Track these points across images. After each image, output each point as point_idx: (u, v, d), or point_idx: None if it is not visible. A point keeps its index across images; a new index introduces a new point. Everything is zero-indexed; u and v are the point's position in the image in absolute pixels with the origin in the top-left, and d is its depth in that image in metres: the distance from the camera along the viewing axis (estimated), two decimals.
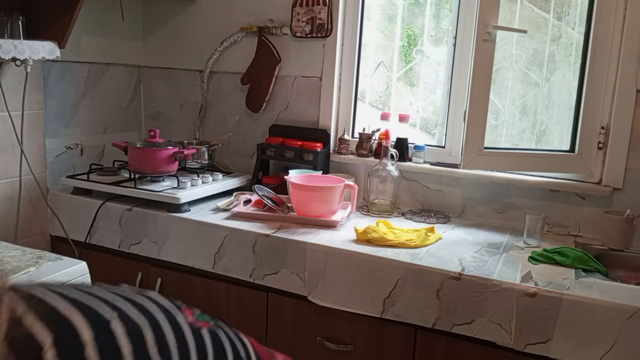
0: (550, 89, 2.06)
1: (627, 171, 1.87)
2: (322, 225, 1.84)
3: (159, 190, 1.93)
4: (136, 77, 2.57)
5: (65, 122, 2.23)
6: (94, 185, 2.03)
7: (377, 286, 1.59)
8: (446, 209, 2.11)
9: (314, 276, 1.67)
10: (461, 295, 1.49)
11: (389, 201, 2.05)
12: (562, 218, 1.96)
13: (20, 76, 1.96)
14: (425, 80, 2.30)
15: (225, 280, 1.84)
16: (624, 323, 1.35)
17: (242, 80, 2.36)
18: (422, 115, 2.31)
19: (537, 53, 2.04)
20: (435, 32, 2.25)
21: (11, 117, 1.97)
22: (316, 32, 2.19)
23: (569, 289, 1.42)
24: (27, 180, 2.06)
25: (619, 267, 1.76)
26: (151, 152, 2.00)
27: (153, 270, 1.96)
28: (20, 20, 1.84)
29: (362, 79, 2.29)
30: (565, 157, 1.96)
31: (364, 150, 2.19)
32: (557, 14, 2.02)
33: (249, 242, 1.76)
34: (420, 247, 1.69)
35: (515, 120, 2.11)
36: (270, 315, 1.79)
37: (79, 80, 2.27)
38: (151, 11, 2.54)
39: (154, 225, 1.91)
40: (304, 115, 2.30)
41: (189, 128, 2.52)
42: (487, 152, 1.93)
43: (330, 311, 1.66)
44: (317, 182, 1.95)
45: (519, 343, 1.44)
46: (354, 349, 1.67)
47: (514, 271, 1.53)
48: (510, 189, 2.02)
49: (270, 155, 2.25)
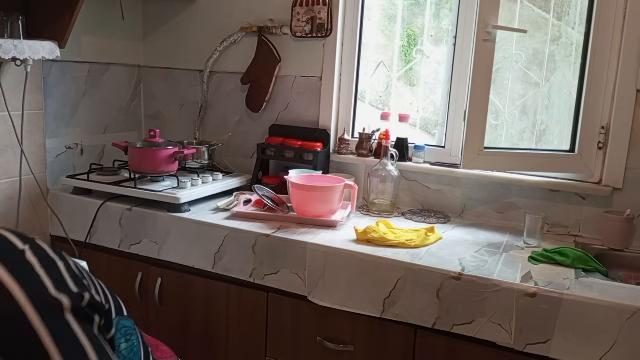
0: (550, 89, 2.07)
1: (627, 171, 1.87)
2: (322, 225, 1.84)
3: (159, 190, 1.93)
4: (136, 77, 2.57)
5: (65, 122, 2.23)
6: (94, 185, 2.03)
7: (377, 286, 1.59)
8: (446, 209, 2.11)
9: (314, 276, 1.67)
10: (461, 295, 1.49)
11: (389, 201, 2.05)
12: (562, 218, 1.96)
13: (20, 76, 1.96)
14: (425, 80, 2.30)
15: (225, 280, 1.84)
16: (624, 323, 1.35)
17: (242, 80, 2.36)
18: (422, 115, 2.31)
19: (537, 53, 2.05)
20: (436, 32, 2.25)
21: (11, 117, 1.97)
22: (316, 32, 2.19)
23: (569, 289, 1.42)
24: (27, 180, 2.06)
25: (619, 267, 1.76)
26: (151, 152, 2.00)
27: (153, 270, 1.96)
28: (20, 20, 1.84)
29: (362, 79, 2.29)
30: (565, 157, 1.96)
31: (364, 150, 2.19)
32: (557, 14, 2.02)
33: (249, 242, 1.76)
34: (420, 247, 1.69)
35: (515, 120, 2.11)
36: (270, 315, 1.79)
37: (79, 80, 2.27)
38: (151, 11, 2.54)
39: (154, 225, 1.91)
40: (304, 115, 2.30)
41: (189, 128, 2.52)
42: (487, 152, 1.93)
43: (330, 311, 1.66)
44: (317, 182, 1.96)
45: (519, 343, 1.44)
46: (354, 349, 1.67)
47: (514, 271, 1.53)
48: (510, 189, 2.02)
49: (271, 155, 2.25)
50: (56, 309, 0.63)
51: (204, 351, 1.92)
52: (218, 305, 1.87)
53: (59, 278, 0.65)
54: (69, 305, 0.64)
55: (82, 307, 0.66)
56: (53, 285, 0.64)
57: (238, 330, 1.85)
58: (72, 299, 0.64)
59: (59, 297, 0.63)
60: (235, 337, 1.86)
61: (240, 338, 1.86)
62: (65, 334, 0.62)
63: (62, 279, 0.65)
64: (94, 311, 0.68)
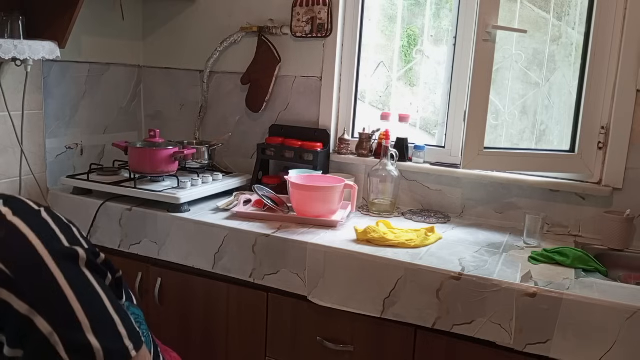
0: (550, 89, 2.07)
1: (627, 171, 1.87)
2: (322, 225, 1.84)
3: (159, 190, 1.93)
4: (136, 77, 2.57)
5: (65, 122, 2.23)
6: (94, 185, 2.03)
7: (377, 286, 1.59)
8: (446, 209, 2.11)
9: (314, 276, 1.67)
10: (461, 295, 1.49)
11: (389, 201, 2.05)
12: (562, 218, 1.96)
13: (20, 76, 1.96)
14: (425, 80, 2.30)
15: (225, 280, 1.84)
16: (624, 323, 1.35)
17: (242, 80, 2.36)
18: (422, 115, 2.31)
19: (537, 53, 2.05)
20: (436, 32, 2.25)
21: (11, 117, 1.97)
22: (316, 32, 2.19)
23: (569, 289, 1.42)
24: (27, 180, 2.06)
25: (619, 267, 1.76)
26: (151, 152, 2.00)
27: (153, 270, 1.96)
28: (20, 20, 1.84)
29: (362, 79, 2.29)
30: (565, 157, 1.96)
31: (364, 150, 2.19)
32: (557, 14, 2.02)
33: (249, 242, 1.76)
34: (420, 247, 1.69)
35: (515, 120, 2.12)
36: (270, 315, 1.79)
37: (79, 80, 2.27)
38: (151, 11, 2.54)
39: (154, 225, 1.91)
40: (304, 115, 2.30)
41: (189, 128, 2.52)
42: (487, 152, 1.93)
43: (330, 311, 1.66)
44: (317, 182, 1.96)
45: (519, 343, 1.44)
46: (354, 349, 1.67)
47: (514, 271, 1.53)
48: (510, 189, 2.02)
49: (270, 155, 2.25)
50: (71, 258, 0.66)
51: (204, 351, 1.92)
52: (218, 305, 1.87)
53: (73, 237, 0.69)
54: (84, 257, 0.67)
55: (96, 262, 0.69)
56: (67, 240, 0.68)
57: (238, 330, 1.85)
58: (86, 252, 0.68)
59: (74, 248, 0.67)
60: (235, 337, 1.86)
61: (240, 338, 1.86)
62: (81, 281, 0.66)
63: (76, 239, 0.69)
64: (107, 269, 0.72)
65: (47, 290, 0.63)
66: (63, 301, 0.63)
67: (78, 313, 0.63)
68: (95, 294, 0.66)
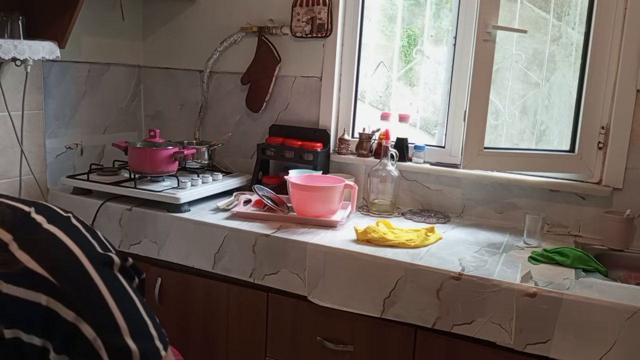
0: (550, 89, 2.07)
1: (627, 171, 1.87)
2: (322, 225, 1.84)
3: (159, 190, 1.93)
4: (136, 77, 2.57)
5: (65, 122, 2.23)
6: (94, 185, 2.03)
7: (377, 286, 1.59)
8: (446, 209, 2.11)
9: (314, 276, 1.67)
10: (461, 295, 1.49)
11: (389, 201, 2.05)
12: (562, 218, 1.96)
13: (20, 76, 1.96)
14: (425, 80, 2.30)
15: (225, 280, 1.84)
16: (624, 323, 1.35)
17: (242, 80, 2.36)
18: (422, 115, 2.31)
19: (537, 53, 2.05)
20: (435, 32, 2.25)
21: (11, 117, 1.97)
22: (316, 32, 2.19)
23: (569, 289, 1.42)
24: (27, 180, 2.06)
25: (619, 267, 1.76)
26: (151, 152, 2.00)
27: (153, 270, 1.96)
28: (20, 20, 1.84)
29: (362, 79, 2.29)
30: (565, 157, 1.96)
31: (364, 150, 2.19)
32: (557, 14, 2.02)
33: (249, 242, 1.76)
34: (420, 247, 1.69)
35: (515, 120, 2.12)
36: (270, 315, 1.79)
37: (79, 80, 2.27)
38: (151, 11, 2.54)
39: (154, 225, 1.91)
40: (304, 115, 2.30)
41: (189, 128, 2.52)
42: (487, 152, 1.93)
43: (330, 311, 1.66)
44: (317, 182, 1.95)
45: (519, 343, 1.44)
46: (354, 349, 1.67)
47: (514, 271, 1.53)
48: (510, 189, 2.02)
49: (270, 155, 2.25)
50: (108, 264, 0.68)
51: (204, 351, 1.92)
52: (218, 305, 1.87)
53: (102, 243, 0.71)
54: (118, 262, 0.69)
55: (126, 267, 0.71)
56: (99, 246, 0.70)
57: (238, 330, 1.85)
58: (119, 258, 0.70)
59: (108, 254, 0.69)
60: (235, 337, 1.86)
61: (240, 338, 1.86)
62: (117, 286, 0.68)
63: (104, 244, 0.71)
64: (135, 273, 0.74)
65: (90, 297, 0.65)
66: (105, 307, 0.65)
67: (118, 318, 0.66)
68: (130, 299, 0.69)
